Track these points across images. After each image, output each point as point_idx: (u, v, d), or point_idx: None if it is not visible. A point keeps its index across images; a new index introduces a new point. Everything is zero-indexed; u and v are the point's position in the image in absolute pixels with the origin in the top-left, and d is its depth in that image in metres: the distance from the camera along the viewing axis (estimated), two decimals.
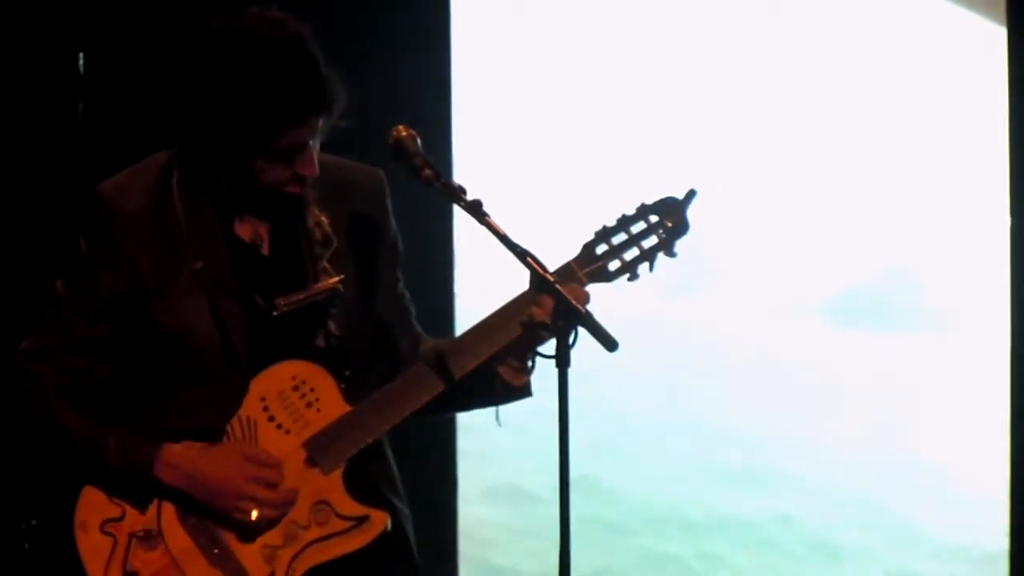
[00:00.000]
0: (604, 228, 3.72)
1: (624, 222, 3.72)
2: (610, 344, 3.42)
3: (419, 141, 3.61)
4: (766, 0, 6.70)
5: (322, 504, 3.70)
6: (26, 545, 5.71)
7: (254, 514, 3.66)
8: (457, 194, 3.57)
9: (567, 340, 3.44)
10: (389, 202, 3.86)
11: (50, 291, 3.79)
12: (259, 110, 3.53)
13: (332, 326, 3.73)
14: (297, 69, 3.55)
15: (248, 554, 3.69)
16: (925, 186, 6.78)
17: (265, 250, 3.77)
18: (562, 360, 3.44)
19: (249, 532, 3.69)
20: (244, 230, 3.77)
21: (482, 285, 5.70)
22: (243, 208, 3.75)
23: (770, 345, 7.06)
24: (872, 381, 6.98)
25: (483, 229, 3.54)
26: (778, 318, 6.98)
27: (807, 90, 6.71)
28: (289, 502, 3.69)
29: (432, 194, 3.72)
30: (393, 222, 3.88)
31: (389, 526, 3.73)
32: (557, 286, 3.45)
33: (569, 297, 3.44)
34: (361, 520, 3.71)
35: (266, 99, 3.53)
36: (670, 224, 3.71)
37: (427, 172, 3.58)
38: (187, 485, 3.67)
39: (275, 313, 3.71)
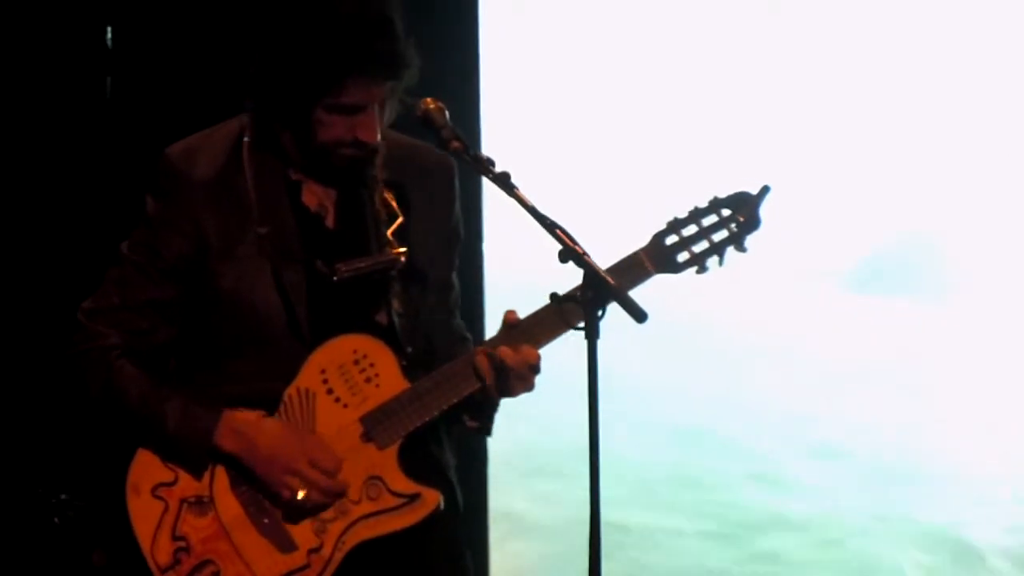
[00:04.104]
0: (675, 219, 3.71)
1: (696, 214, 3.71)
2: (639, 315, 3.41)
3: (447, 113, 3.61)
4: None
5: (375, 480, 3.68)
6: (56, 519, 5.73)
7: (301, 494, 3.63)
8: (486, 166, 3.56)
9: (596, 312, 3.42)
10: (457, 187, 3.84)
11: (114, 252, 3.76)
12: (326, 52, 3.52)
13: (396, 303, 3.71)
14: (370, 21, 3.53)
15: (298, 525, 3.68)
16: (950, 150, 6.77)
17: (330, 222, 3.75)
18: (592, 332, 3.43)
19: (295, 512, 3.67)
20: (311, 200, 3.75)
21: (510, 257, 5.71)
22: (310, 176, 3.73)
23: (786, 312, 7.05)
24: (893, 348, 6.97)
25: (511, 202, 3.53)
26: (797, 283, 6.97)
27: (833, 59, 6.70)
28: (339, 493, 3.66)
29: (461, 167, 3.74)
30: (458, 208, 3.86)
31: (441, 505, 3.72)
32: (586, 258, 3.43)
33: (598, 268, 3.44)
34: (413, 498, 3.69)
35: (334, 42, 3.51)
36: (742, 219, 3.70)
37: (455, 144, 3.58)
38: (245, 451, 3.64)
39: (336, 279, 3.67)
